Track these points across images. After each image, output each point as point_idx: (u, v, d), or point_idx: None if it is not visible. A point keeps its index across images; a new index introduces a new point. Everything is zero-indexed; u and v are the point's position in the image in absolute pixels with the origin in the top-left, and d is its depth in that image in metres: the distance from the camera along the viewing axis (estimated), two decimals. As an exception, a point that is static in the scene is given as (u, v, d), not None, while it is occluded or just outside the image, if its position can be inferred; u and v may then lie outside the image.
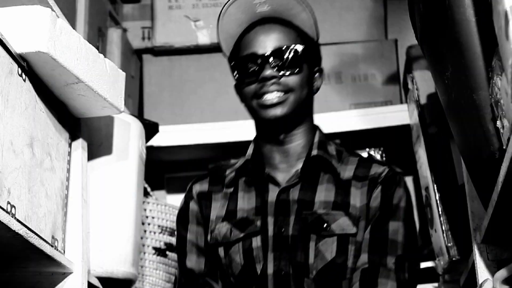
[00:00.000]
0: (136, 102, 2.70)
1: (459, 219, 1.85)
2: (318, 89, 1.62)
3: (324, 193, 1.52)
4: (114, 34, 2.53)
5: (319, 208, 1.50)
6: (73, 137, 1.62)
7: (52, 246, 1.42)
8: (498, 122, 1.17)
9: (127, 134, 1.91)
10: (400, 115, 2.45)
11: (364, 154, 1.64)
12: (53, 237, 1.44)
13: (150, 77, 2.74)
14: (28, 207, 1.31)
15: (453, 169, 1.91)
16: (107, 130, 1.84)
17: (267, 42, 1.52)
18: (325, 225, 1.47)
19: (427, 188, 2.04)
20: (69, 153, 1.59)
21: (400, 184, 1.55)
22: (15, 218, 1.24)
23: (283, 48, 1.51)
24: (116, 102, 1.61)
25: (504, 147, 1.16)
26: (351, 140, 2.57)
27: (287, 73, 1.50)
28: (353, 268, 1.47)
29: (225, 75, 2.66)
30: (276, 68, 1.50)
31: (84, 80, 1.46)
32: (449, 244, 1.89)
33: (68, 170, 1.58)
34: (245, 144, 2.49)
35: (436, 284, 2.25)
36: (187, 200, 1.67)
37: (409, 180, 2.86)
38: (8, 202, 1.22)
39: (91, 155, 1.76)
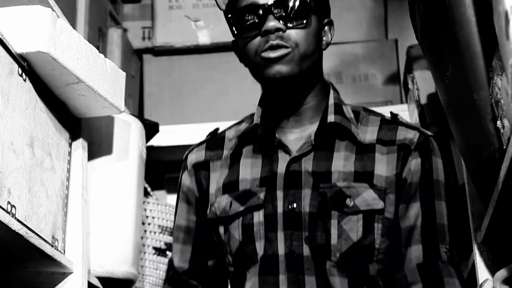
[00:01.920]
0: (136, 102, 2.70)
1: (459, 219, 1.85)
2: (328, 44, 1.42)
3: (342, 162, 1.34)
4: (114, 34, 2.53)
5: (339, 180, 1.32)
6: (73, 137, 1.62)
7: (52, 246, 1.42)
8: (499, 122, 1.17)
9: (127, 134, 1.91)
10: (400, 115, 2.45)
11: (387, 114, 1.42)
12: (53, 237, 1.44)
13: (150, 77, 2.74)
14: (28, 207, 1.31)
15: (453, 169, 1.91)
16: (107, 130, 1.84)
17: None
18: (348, 200, 1.31)
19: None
20: (70, 153, 1.59)
21: (435, 153, 1.39)
22: (15, 218, 1.24)
23: None
24: (117, 102, 1.61)
25: (504, 147, 1.16)
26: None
27: (293, 25, 1.32)
28: (380, 249, 1.32)
29: (226, 75, 2.67)
30: (281, 19, 1.32)
31: (84, 80, 1.46)
32: (449, 244, 1.88)
33: (69, 170, 1.58)
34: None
35: (436, 284, 2.25)
36: (181, 173, 1.50)
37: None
38: (8, 202, 1.22)
39: (92, 155, 1.76)
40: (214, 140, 1.49)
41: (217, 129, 1.52)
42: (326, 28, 1.42)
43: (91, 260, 1.71)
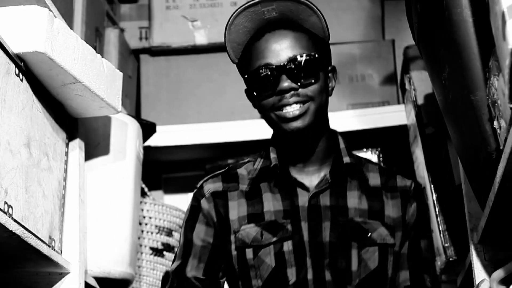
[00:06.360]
0: (133, 102, 2.70)
1: (456, 220, 1.85)
2: (333, 89, 1.55)
3: (356, 200, 1.51)
4: (111, 34, 2.53)
5: (355, 216, 1.49)
6: (70, 137, 1.62)
7: (49, 246, 1.42)
8: (495, 123, 1.17)
9: (125, 134, 1.91)
10: (397, 115, 2.45)
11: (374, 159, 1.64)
12: (50, 237, 1.44)
13: (147, 77, 2.74)
14: (25, 207, 1.31)
15: (450, 170, 1.91)
16: (105, 130, 1.84)
17: (280, 52, 1.46)
18: (367, 234, 1.48)
19: (424, 189, 2.04)
20: (66, 153, 1.59)
21: (425, 199, 1.59)
22: (12, 218, 1.24)
23: (298, 57, 1.45)
24: (114, 102, 1.61)
25: (501, 148, 1.16)
26: (349, 141, 2.57)
27: (305, 83, 1.45)
28: (392, 278, 1.50)
29: (222, 75, 2.67)
30: (293, 79, 1.45)
31: (81, 80, 1.46)
32: (446, 245, 1.89)
33: (65, 170, 1.58)
34: (242, 144, 2.50)
35: (433, 284, 2.25)
36: (198, 198, 1.58)
37: (406, 181, 2.85)
38: (5, 202, 1.22)
39: (88, 155, 1.76)
40: (228, 174, 1.60)
41: (223, 165, 1.70)
42: (330, 75, 1.55)
43: (88, 260, 1.71)
